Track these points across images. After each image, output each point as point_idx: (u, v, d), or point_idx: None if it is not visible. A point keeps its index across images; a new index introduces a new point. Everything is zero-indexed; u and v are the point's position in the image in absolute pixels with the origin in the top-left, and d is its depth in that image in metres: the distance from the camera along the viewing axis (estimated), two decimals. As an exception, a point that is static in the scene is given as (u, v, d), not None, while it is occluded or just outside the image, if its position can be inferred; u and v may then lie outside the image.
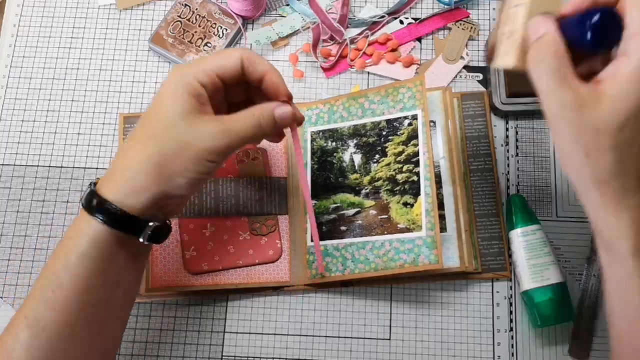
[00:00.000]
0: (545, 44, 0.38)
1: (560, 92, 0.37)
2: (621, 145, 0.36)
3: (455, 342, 0.61)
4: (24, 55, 0.72)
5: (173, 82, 0.46)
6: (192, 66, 0.47)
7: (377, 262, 0.59)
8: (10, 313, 0.63)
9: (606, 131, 0.36)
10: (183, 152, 0.44)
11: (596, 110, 0.36)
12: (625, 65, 0.36)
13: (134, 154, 0.45)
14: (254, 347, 0.62)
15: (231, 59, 0.47)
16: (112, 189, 0.45)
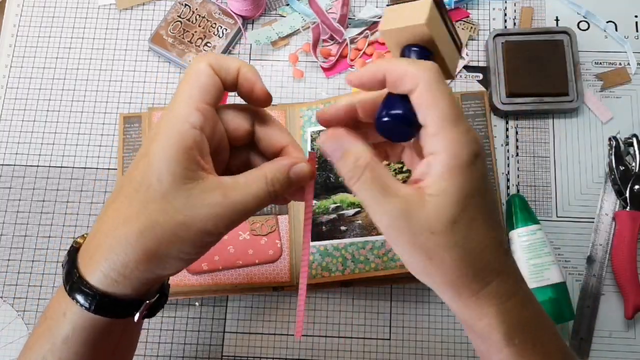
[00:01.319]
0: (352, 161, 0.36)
1: (385, 204, 0.35)
2: (461, 241, 0.35)
3: (455, 342, 0.61)
4: (24, 55, 0.72)
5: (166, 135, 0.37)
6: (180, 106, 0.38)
7: (377, 262, 0.59)
8: (11, 313, 0.63)
9: (441, 232, 0.35)
10: (181, 234, 0.37)
11: (424, 212, 0.35)
12: (436, 164, 0.35)
13: (121, 232, 0.38)
14: (254, 347, 0.62)
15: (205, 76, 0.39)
16: (95, 272, 0.38)
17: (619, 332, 0.61)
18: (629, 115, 0.68)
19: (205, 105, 0.38)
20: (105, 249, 0.38)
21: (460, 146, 0.35)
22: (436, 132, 0.35)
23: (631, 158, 0.64)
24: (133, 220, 0.37)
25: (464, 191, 0.35)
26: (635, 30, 0.71)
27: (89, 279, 0.38)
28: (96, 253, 0.38)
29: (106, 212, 0.39)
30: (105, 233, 0.38)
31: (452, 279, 0.36)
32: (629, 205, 0.62)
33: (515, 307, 0.38)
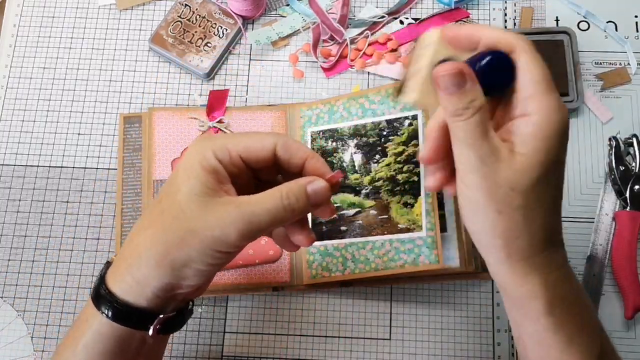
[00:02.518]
0: (468, 99, 0.37)
1: (481, 146, 0.36)
2: (532, 204, 0.37)
3: (455, 342, 0.61)
4: (24, 55, 0.72)
5: (189, 157, 0.41)
6: (214, 140, 0.41)
7: (377, 262, 0.59)
8: (11, 313, 0.63)
9: (520, 190, 0.36)
10: (188, 240, 0.39)
11: (511, 168, 0.36)
12: (529, 125, 0.36)
13: (140, 241, 0.40)
14: (254, 347, 0.62)
15: (261, 144, 0.41)
16: (117, 280, 0.41)
17: (619, 332, 0.61)
18: (629, 115, 0.68)
19: (239, 159, 0.41)
20: (126, 255, 0.41)
21: (555, 112, 0.36)
22: (532, 94, 0.36)
23: (631, 158, 0.64)
24: (149, 226, 0.40)
25: (550, 156, 0.36)
26: (635, 30, 0.71)
27: (111, 287, 0.41)
28: (121, 263, 0.41)
29: (134, 226, 0.42)
30: (129, 242, 0.41)
31: (509, 238, 0.37)
32: (629, 205, 0.63)
33: (560, 279, 0.39)
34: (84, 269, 0.64)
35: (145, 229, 0.40)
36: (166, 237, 0.39)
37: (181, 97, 0.70)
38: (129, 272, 0.40)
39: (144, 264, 0.40)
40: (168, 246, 0.39)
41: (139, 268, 0.40)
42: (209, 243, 0.38)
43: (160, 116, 0.67)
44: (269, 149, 0.42)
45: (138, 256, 0.40)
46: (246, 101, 0.70)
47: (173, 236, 0.39)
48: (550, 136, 0.36)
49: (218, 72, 0.71)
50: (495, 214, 0.37)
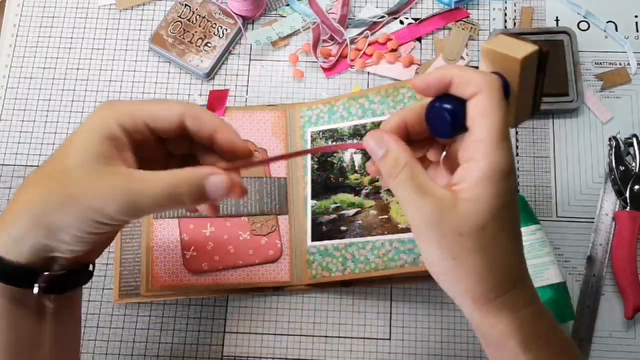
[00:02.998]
0: (392, 160, 0.38)
1: (420, 201, 0.37)
2: (485, 247, 0.37)
3: (455, 342, 0.61)
4: (24, 55, 0.72)
5: (90, 121, 0.40)
6: (119, 105, 0.40)
7: (377, 262, 0.59)
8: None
9: (469, 234, 0.36)
10: (67, 205, 0.37)
11: (455, 214, 0.36)
12: (474, 170, 0.36)
13: (21, 198, 0.39)
14: (254, 347, 0.62)
15: (168, 112, 0.40)
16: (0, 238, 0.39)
17: (619, 332, 0.61)
18: (629, 115, 0.68)
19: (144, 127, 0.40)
20: (7, 212, 0.39)
21: (500, 158, 0.36)
22: (482, 138, 0.36)
23: (631, 158, 0.64)
24: (34, 184, 0.39)
25: (496, 201, 0.36)
26: (635, 30, 0.71)
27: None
28: (2, 217, 0.39)
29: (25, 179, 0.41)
30: (13, 199, 0.40)
31: (471, 283, 0.37)
32: (629, 205, 0.62)
33: (531, 316, 0.39)
34: (84, 269, 0.64)
35: (29, 187, 0.39)
36: (46, 198, 0.38)
37: (181, 97, 0.70)
38: (5, 229, 0.39)
39: (20, 221, 0.38)
40: (46, 208, 0.38)
41: (15, 224, 0.38)
42: (88, 212, 0.37)
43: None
44: (175, 118, 0.40)
45: (16, 212, 0.39)
46: (246, 101, 0.70)
47: (53, 198, 0.38)
48: (496, 183, 0.36)
49: (218, 72, 0.71)
50: (450, 260, 0.37)
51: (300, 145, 0.65)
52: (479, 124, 0.37)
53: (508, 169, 0.37)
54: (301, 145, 0.65)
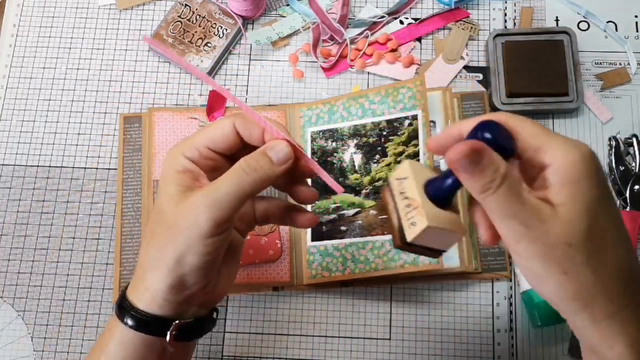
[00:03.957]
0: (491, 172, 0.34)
1: (520, 211, 0.34)
2: (597, 254, 0.33)
3: (455, 342, 0.61)
4: (24, 55, 0.72)
5: (164, 167, 0.43)
6: (180, 143, 0.44)
7: (377, 262, 0.59)
8: (11, 313, 0.63)
9: (578, 244, 0.33)
10: (172, 235, 0.41)
11: (558, 223, 0.33)
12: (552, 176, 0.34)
13: (142, 253, 0.44)
14: (254, 347, 0.62)
15: (222, 131, 0.43)
16: (134, 291, 0.43)
17: (619, 332, 0.61)
18: (629, 115, 0.68)
19: (207, 150, 0.43)
20: (137, 269, 0.44)
21: (571, 151, 0.34)
22: (537, 146, 0.35)
23: (631, 158, 0.64)
24: (146, 238, 0.43)
25: (589, 197, 0.34)
26: (635, 30, 0.71)
27: (130, 297, 0.43)
28: (135, 275, 0.44)
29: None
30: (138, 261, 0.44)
31: (586, 296, 0.34)
32: (629, 205, 0.62)
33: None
34: (84, 269, 0.64)
35: (144, 241, 0.43)
36: (156, 240, 0.42)
37: (181, 97, 0.70)
38: (142, 282, 0.42)
39: (147, 272, 0.42)
40: (159, 248, 0.41)
41: (145, 276, 0.42)
42: (189, 232, 0.40)
43: (160, 116, 0.67)
44: (230, 132, 0.43)
45: (142, 266, 0.43)
46: (246, 101, 0.70)
47: (160, 237, 0.41)
48: (580, 177, 0.34)
49: (218, 72, 0.71)
50: (561, 276, 0.34)
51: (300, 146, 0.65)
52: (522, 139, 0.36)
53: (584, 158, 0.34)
54: (301, 145, 0.65)
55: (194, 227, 0.40)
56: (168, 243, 0.41)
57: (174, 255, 0.40)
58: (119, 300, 0.44)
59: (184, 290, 0.42)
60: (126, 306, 0.43)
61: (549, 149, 0.35)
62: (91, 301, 0.63)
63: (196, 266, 0.41)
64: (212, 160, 0.43)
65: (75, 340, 0.62)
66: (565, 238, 0.33)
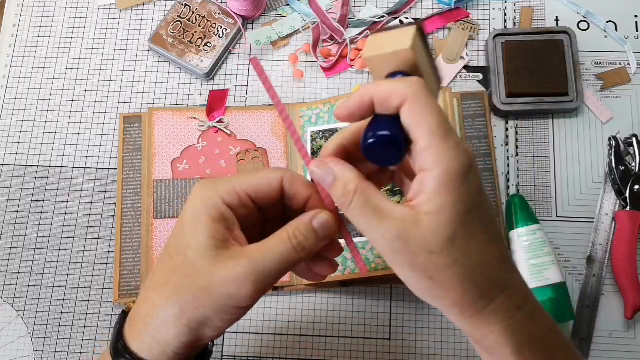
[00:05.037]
0: (341, 188, 0.36)
1: (380, 226, 0.34)
2: (460, 258, 0.34)
3: (455, 342, 0.61)
4: (24, 55, 0.72)
5: (194, 205, 0.39)
6: (219, 182, 0.40)
7: (377, 262, 0.59)
8: (11, 313, 0.63)
9: (440, 250, 0.34)
10: (203, 299, 0.37)
11: (421, 232, 0.34)
12: (429, 180, 0.34)
13: (155, 300, 0.39)
14: (254, 347, 0.62)
15: (268, 182, 0.40)
16: (136, 338, 0.39)
17: (619, 332, 0.61)
18: (629, 115, 0.68)
19: (248, 199, 0.39)
20: (142, 313, 0.39)
21: (452, 160, 0.34)
22: (426, 146, 0.34)
23: (631, 158, 0.64)
24: (163, 286, 0.38)
25: (460, 207, 0.34)
26: (635, 30, 0.71)
27: (130, 344, 0.39)
28: (136, 319, 0.40)
29: (149, 277, 0.40)
30: (144, 299, 0.40)
31: (455, 298, 0.35)
32: (629, 205, 0.62)
33: (524, 321, 0.37)
34: (84, 269, 0.64)
35: (160, 288, 0.39)
36: (180, 296, 0.38)
37: (181, 97, 0.70)
38: (148, 332, 0.39)
39: (162, 325, 0.38)
40: (183, 306, 0.38)
41: (158, 329, 0.38)
42: (225, 300, 0.37)
43: (160, 116, 0.67)
44: (276, 186, 0.40)
45: (156, 316, 0.38)
46: (246, 101, 0.70)
47: (187, 296, 0.37)
48: (454, 188, 0.34)
49: (218, 72, 0.71)
50: (427, 281, 0.35)
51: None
52: (418, 133, 0.34)
53: (464, 168, 0.34)
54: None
55: (232, 299, 0.37)
56: (196, 306, 0.37)
57: (200, 319, 0.38)
58: (114, 344, 0.40)
59: (197, 344, 0.40)
60: (124, 353, 0.39)
61: (435, 152, 0.34)
62: (91, 301, 0.63)
63: (219, 328, 0.39)
64: (247, 209, 0.40)
65: (75, 340, 0.62)
66: (427, 246, 0.34)
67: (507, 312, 0.36)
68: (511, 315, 0.36)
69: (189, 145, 0.66)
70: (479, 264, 0.35)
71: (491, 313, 0.36)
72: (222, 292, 0.37)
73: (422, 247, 0.34)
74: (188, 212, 0.39)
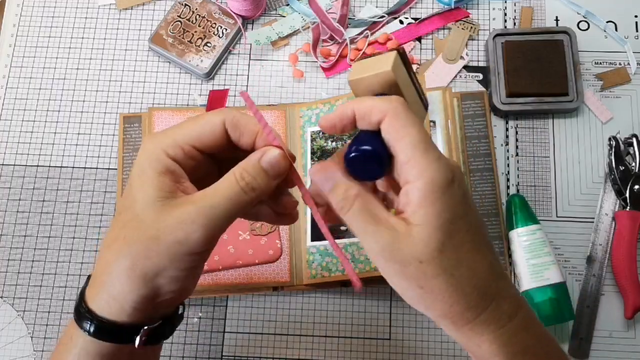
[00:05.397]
0: (342, 192, 0.36)
1: (376, 233, 0.35)
2: (449, 268, 0.35)
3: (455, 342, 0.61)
4: (24, 55, 0.72)
5: (140, 161, 0.39)
6: (162, 137, 0.39)
7: (377, 262, 0.59)
8: (11, 313, 0.63)
9: (429, 260, 0.35)
10: (154, 248, 0.37)
11: (411, 242, 0.35)
12: (413, 192, 0.35)
13: (108, 257, 0.39)
14: (254, 347, 0.62)
15: (210, 126, 0.39)
16: (95, 297, 0.39)
17: (619, 332, 0.61)
18: (628, 115, 0.68)
19: (192, 149, 0.39)
20: (98, 271, 0.39)
21: (433, 172, 0.35)
22: (407, 159, 0.35)
23: (631, 158, 0.64)
24: (114, 242, 0.38)
25: (444, 216, 0.35)
26: (635, 30, 0.71)
27: (90, 304, 0.39)
28: (94, 279, 0.40)
29: (103, 241, 0.41)
30: (99, 259, 0.40)
31: (444, 308, 0.36)
32: (629, 205, 0.62)
33: (516, 331, 0.37)
34: (84, 269, 0.64)
35: (111, 244, 0.39)
36: (131, 249, 0.37)
37: (181, 97, 0.70)
38: (104, 289, 0.39)
39: (116, 280, 0.38)
40: (135, 258, 0.37)
41: (113, 284, 0.38)
42: (176, 247, 0.37)
43: (160, 116, 0.67)
44: (219, 131, 0.39)
45: (109, 272, 0.38)
46: (246, 101, 0.70)
47: (137, 247, 0.37)
48: (438, 198, 0.35)
49: (218, 72, 0.71)
50: (418, 289, 0.36)
51: (299, 145, 0.65)
52: (399, 147, 0.35)
53: (446, 179, 0.35)
54: (300, 144, 0.65)
55: (183, 244, 0.37)
56: (147, 256, 0.37)
57: (153, 269, 0.37)
58: (77, 306, 0.40)
59: (157, 298, 0.39)
60: (85, 313, 0.39)
61: (417, 164, 0.35)
62: (91, 301, 0.63)
63: (176, 278, 0.38)
64: (194, 160, 0.40)
65: (75, 340, 0.62)
66: (417, 255, 0.35)
67: (498, 322, 0.37)
68: (502, 325, 0.37)
69: (189, 145, 0.66)
70: (467, 273, 0.36)
71: (482, 323, 0.36)
72: (172, 239, 0.37)
73: (412, 256, 0.35)
74: (135, 168, 0.39)
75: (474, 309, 0.36)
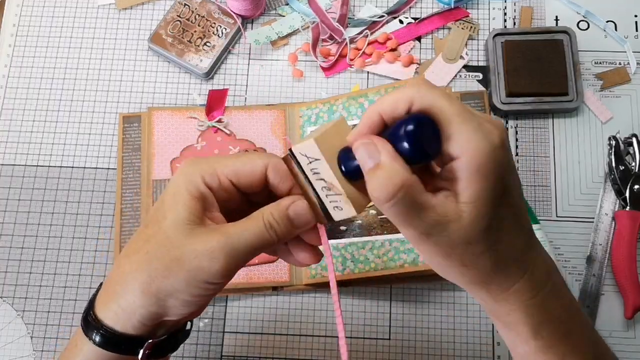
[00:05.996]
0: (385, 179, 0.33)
1: (420, 224, 0.34)
2: (493, 245, 0.35)
3: (455, 342, 0.61)
4: (24, 55, 0.72)
5: (177, 181, 0.39)
6: (203, 163, 0.40)
7: (377, 262, 0.59)
8: (10, 313, 0.63)
9: (477, 241, 0.34)
10: (174, 269, 0.37)
11: (460, 226, 0.34)
12: (461, 169, 0.33)
13: (126, 267, 0.39)
14: (254, 347, 0.62)
15: (251, 168, 0.39)
16: (104, 307, 0.40)
17: (619, 332, 0.61)
18: (628, 115, 0.68)
19: (229, 183, 0.40)
20: (112, 281, 0.40)
21: (477, 144, 0.33)
22: (452, 132, 0.33)
23: (631, 158, 0.64)
24: (135, 253, 0.39)
25: (494, 192, 0.34)
26: (635, 30, 0.71)
27: (98, 313, 0.40)
28: (107, 287, 0.40)
29: (123, 249, 0.41)
30: (116, 267, 0.40)
31: (484, 279, 0.37)
32: (629, 205, 0.62)
33: (545, 300, 0.38)
34: (83, 269, 0.64)
35: (132, 255, 0.39)
36: (151, 265, 0.38)
37: (180, 96, 0.70)
38: (115, 300, 0.39)
39: (129, 292, 0.38)
40: (153, 274, 0.38)
41: (124, 296, 0.38)
42: (195, 273, 0.37)
43: (159, 116, 0.67)
44: (259, 173, 0.40)
45: (124, 283, 0.39)
46: (245, 101, 0.70)
47: (158, 264, 0.37)
48: (487, 171, 0.33)
49: (217, 71, 0.71)
50: (461, 267, 0.36)
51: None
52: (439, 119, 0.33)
53: (491, 149, 0.33)
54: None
55: (204, 272, 0.37)
56: (165, 275, 0.37)
57: (168, 290, 0.38)
58: (85, 314, 0.40)
59: (164, 317, 0.39)
60: (93, 322, 0.40)
61: (459, 138, 0.33)
62: (91, 301, 0.63)
63: (187, 302, 0.38)
64: (228, 192, 0.40)
65: (75, 340, 0.62)
66: (466, 239, 0.34)
67: (530, 291, 0.37)
68: (533, 295, 0.38)
69: (188, 145, 0.66)
70: (508, 247, 0.36)
71: (517, 292, 0.37)
72: (194, 264, 0.37)
73: (461, 239, 0.34)
74: (170, 186, 0.39)
75: (511, 279, 0.37)
